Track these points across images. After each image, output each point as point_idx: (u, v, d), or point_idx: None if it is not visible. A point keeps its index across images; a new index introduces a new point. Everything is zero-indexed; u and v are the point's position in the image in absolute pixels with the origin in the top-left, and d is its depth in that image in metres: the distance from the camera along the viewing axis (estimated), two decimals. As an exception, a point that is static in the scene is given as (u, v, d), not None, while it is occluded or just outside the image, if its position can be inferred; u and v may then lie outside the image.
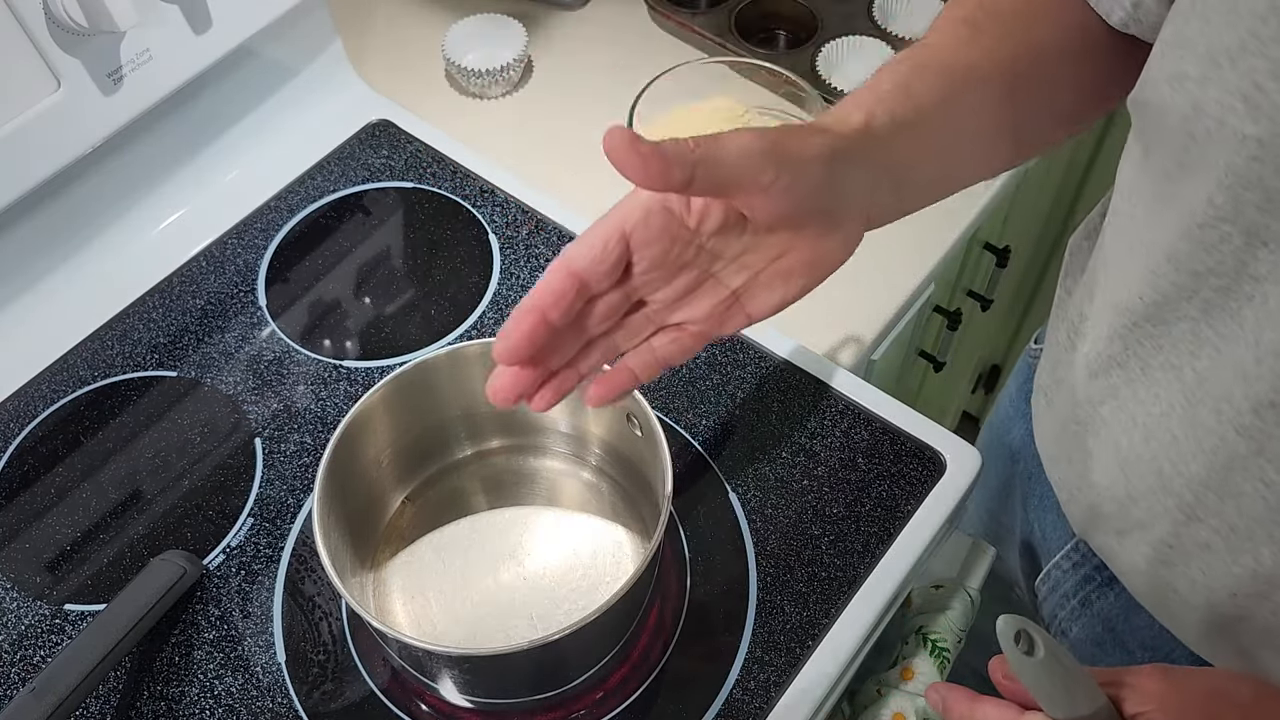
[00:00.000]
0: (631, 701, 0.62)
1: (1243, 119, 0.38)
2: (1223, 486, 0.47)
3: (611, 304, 0.46)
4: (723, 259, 0.46)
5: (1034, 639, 0.42)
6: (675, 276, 0.46)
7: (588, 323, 0.46)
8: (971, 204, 0.86)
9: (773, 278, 0.47)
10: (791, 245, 0.46)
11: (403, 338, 0.77)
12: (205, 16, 0.73)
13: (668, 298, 0.47)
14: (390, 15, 1.01)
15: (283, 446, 0.71)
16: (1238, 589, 0.49)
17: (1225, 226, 0.41)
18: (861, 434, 0.71)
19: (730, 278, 0.47)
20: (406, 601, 0.63)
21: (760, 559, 0.66)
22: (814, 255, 0.46)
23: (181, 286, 0.80)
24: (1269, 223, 0.39)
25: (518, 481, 0.68)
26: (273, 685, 0.62)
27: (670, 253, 0.45)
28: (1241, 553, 0.48)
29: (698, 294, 0.47)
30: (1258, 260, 0.41)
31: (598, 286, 0.44)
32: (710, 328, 0.48)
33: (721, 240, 0.45)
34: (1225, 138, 0.39)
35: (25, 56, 0.65)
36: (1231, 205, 0.40)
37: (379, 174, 0.86)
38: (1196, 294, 0.44)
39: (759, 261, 0.46)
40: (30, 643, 0.64)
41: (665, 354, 0.48)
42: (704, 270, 0.46)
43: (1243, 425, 0.44)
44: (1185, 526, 0.50)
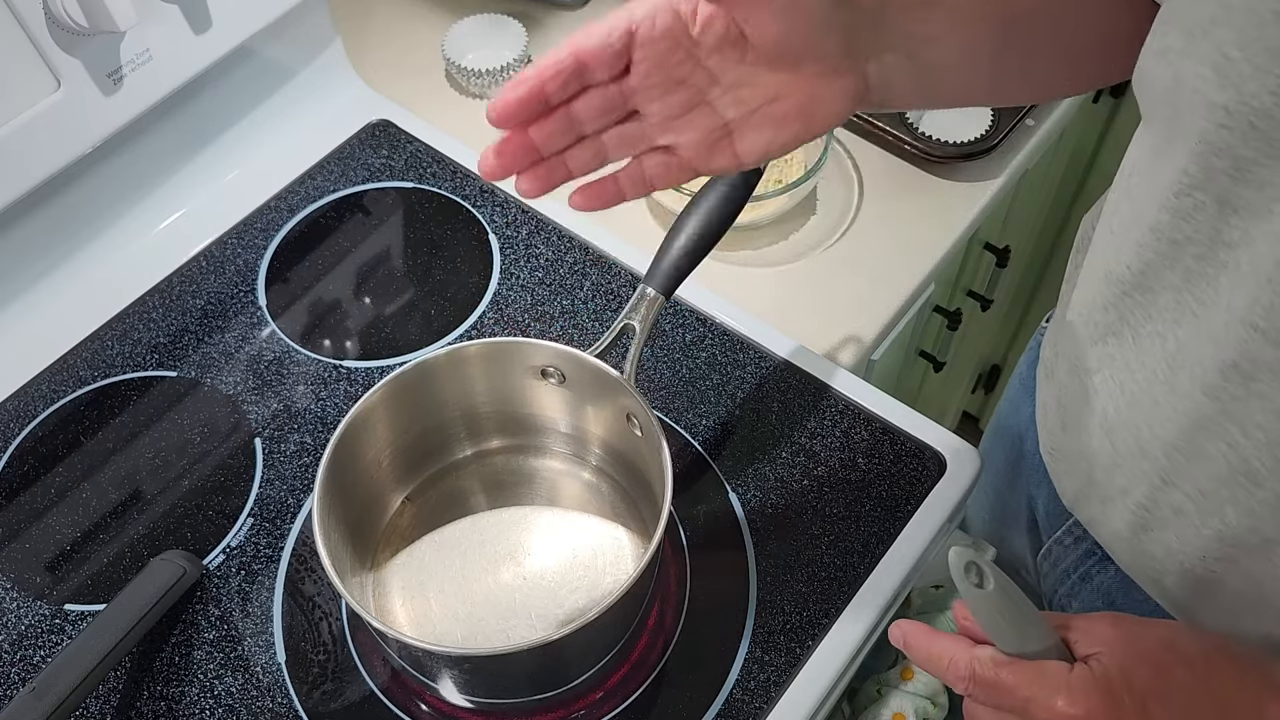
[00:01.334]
0: (631, 701, 0.62)
1: (1213, 88, 0.39)
2: (1191, 449, 0.48)
3: (607, 99, 0.47)
4: (720, 85, 0.47)
5: (984, 571, 0.43)
6: (671, 91, 0.47)
7: (581, 114, 0.47)
8: (971, 204, 0.86)
9: (765, 119, 0.48)
10: (788, 88, 0.47)
11: (403, 338, 0.77)
12: (205, 16, 0.73)
13: (662, 113, 0.48)
14: (390, 15, 1.01)
15: (283, 446, 0.71)
16: (1207, 552, 0.50)
17: (1199, 195, 0.42)
18: (861, 434, 0.71)
19: (725, 108, 0.47)
20: (406, 601, 0.63)
21: (760, 559, 0.66)
22: (809, 101, 0.47)
23: (181, 286, 0.80)
24: (1239, 190, 0.40)
25: (518, 481, 0.68)
26: (273, 685, 0.62)
27: (670, 58, 0.46)
28: (1210, 515, 0.49)
29: (691, 117, 0.48)
30: (1230, 227, 0.42)
31: (597, 73, 0.46)
32: (698, 157, 0.49)
33: (720, 61, 0.46)
34: (1199, 107, 0.40)
35: (25, 56, 0.65)
36: (1204, 174, 0.41)
37: (379, 174, 0.86)
38: (1178, 262, 0.45)
39: (754, 98, 0.47)
40: (30, 643, 0.64)
41: (652, 174, 0.49)
42: (700, 92, 0.47)
43: (1210, 387, 0.45)
44: (1160, 491, 0.51)
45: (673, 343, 0.75)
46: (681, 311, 0.77)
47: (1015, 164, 0.89)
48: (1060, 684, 0.43)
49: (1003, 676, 0.45)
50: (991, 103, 0.59)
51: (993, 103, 0.58)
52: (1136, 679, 0.43)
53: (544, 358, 0.62)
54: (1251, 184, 0.40)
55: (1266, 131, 0.38)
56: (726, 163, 0.49)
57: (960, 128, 0.88)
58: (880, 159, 0.89)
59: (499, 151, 0.47)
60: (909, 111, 0.88)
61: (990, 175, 0.87)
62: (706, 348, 0.75)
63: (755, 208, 0.80)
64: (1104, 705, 0.43)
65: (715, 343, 0.75)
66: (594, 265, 0.80)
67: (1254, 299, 0.41)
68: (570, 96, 0.46)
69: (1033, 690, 0.44)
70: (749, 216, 0.79)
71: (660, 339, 0.75)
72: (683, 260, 0.63)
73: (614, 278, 0.79)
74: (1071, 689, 0.43)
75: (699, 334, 0.76)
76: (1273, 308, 0.40)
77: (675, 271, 0.62)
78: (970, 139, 0.87)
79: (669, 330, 0.76)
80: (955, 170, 0.88)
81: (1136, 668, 0.43)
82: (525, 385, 0.64)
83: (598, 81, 0.46)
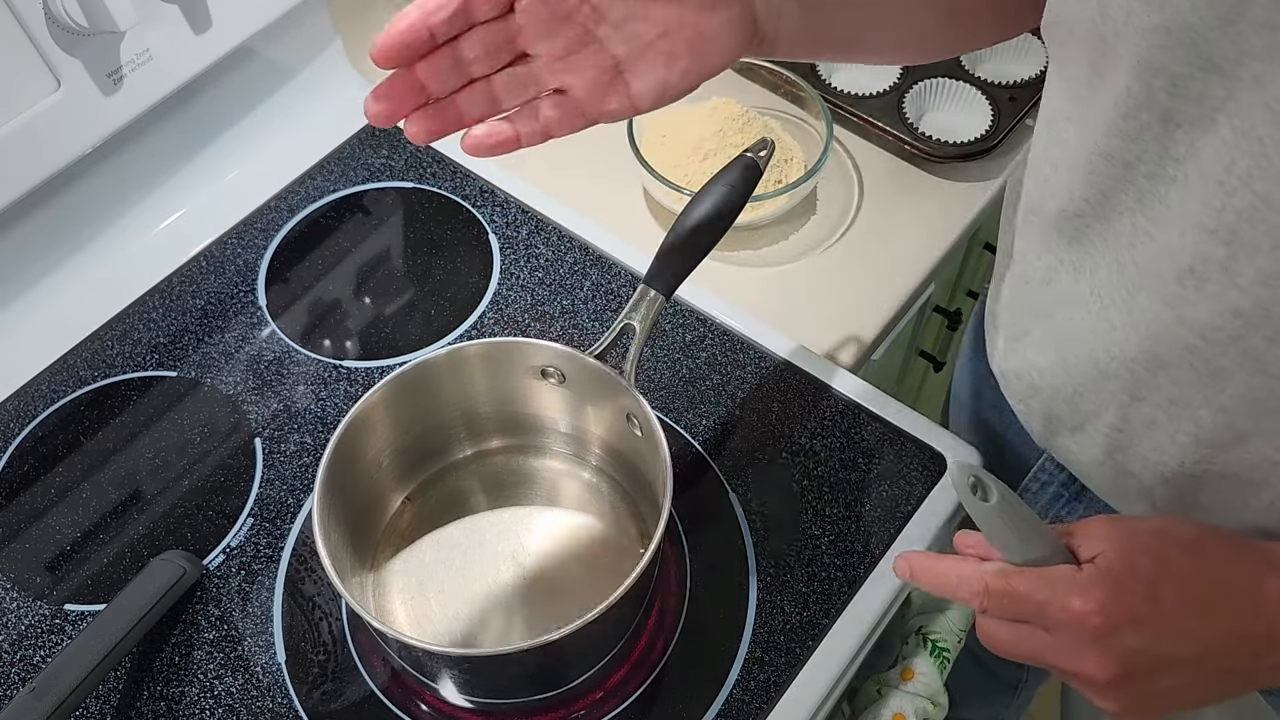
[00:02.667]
0: (631, 701, 0.62)
1: (1143, 13, 0.40)
2: (1154, 361, 0.49)
3: (493, 37, 0.46)
4: (607, 21, 0.47)
5: (988, 485, 0.44)
6: (558, 28, 0.47)
7: (467, 53, 0.46)
8: (971, 204, 0.86)
9: (656, 55, 0.48)
10: (675, 21, 0.47)
11: (403, 338, 0.77)
12: (205, 16, 0.73)
13: (550, 52, 0.47)
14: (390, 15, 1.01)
15: (283, 446, 0.71)
16: (1185, 458, 0.51)
17: (1144, 115, 0.43)
18: (861, 434, 0.71)
19: (614, 44, 0.47)
20: (406, 601, 0.63)
21: (760, 559, 0.66)
22: (697, 35, 0.48)
23: (181, 286, 0.80)
24: (1179, 105, 0.42)
25: (518, 481, 0.68)
26: (273, 685, 0.62)
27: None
28: (1183, 420, 0.50)
29: (580, 56, 0.48)
30: (1175, 142, 0.43)
31: (480, 8, 0.45)
32: (592, 99, 0.48)
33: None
34: (1131, 32, 0.41)
35: (25, 56, 0.65)
36: (1145, 93, 0.43)
37: (379, 174, 0.86)
38: (1131, 184, 0.46)
39: (643, 34, 0.47)
40: (30, 643, 0.64)
41: (547, 118, 0.49)
42: (587, 30, 0.47)
43: (1168, 296, 0.46)
44: (1130, 408, 0.52)
45: (673, 343, 0.75)
46: (681, 311, 0.77)
47: (1015, 164, 0.89)
48: (1072, 584, 0.44)
49: (1015, 585, 0.45)
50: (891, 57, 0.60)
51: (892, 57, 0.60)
52: (1140, 567, 0.44)
53: (544, 358, 0.62)
54: (1189, 98, 0.41)
55: (1197, 45, 0.39)
56: (620, 104, 0.49)
57: (960, 128, 0.88)
58: (880, 159, 0.89)
59: (385, 93, 0.46)
60: (910, 114, 0.88)
61: (990, 175, 0.87)
62: (706, 348, 0.75)
63: (755, 208, 0.80)
64: (1115, 596, 0.43)
65: (715, 343, 0.75)
66: (594, 265, 0.80)
67: (1204, 203, 0.42)
68: (455, 35, 0.46)
69: (1047, 594, 0.44)
70: (749, 216, 0.79)
71: (660, 339, 0.75)
72: (683, 260, 0.63)
73: (614, 278, 0.79)
74: (1083, 587, 0.44)
75: (699, 334, 0.76)
76: (1222, 208, 0.42)
77: (675, 271, 0.62)
78: (970, 139, 0.87)
79: (669, 330, 0.76)
80: (955, 170, 0.88)
81: (1138, 558, 0.44)
82: (525, 385, 0.64)
83: (482, 18, 0.46)
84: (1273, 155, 0.39)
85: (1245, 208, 0.41)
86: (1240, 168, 0.40)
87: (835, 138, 0.88)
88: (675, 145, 0.84)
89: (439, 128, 0.47)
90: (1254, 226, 0.41)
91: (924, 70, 0.91)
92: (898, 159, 0.89)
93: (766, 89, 0.91)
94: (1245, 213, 0.41)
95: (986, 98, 0.89)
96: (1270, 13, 0.37)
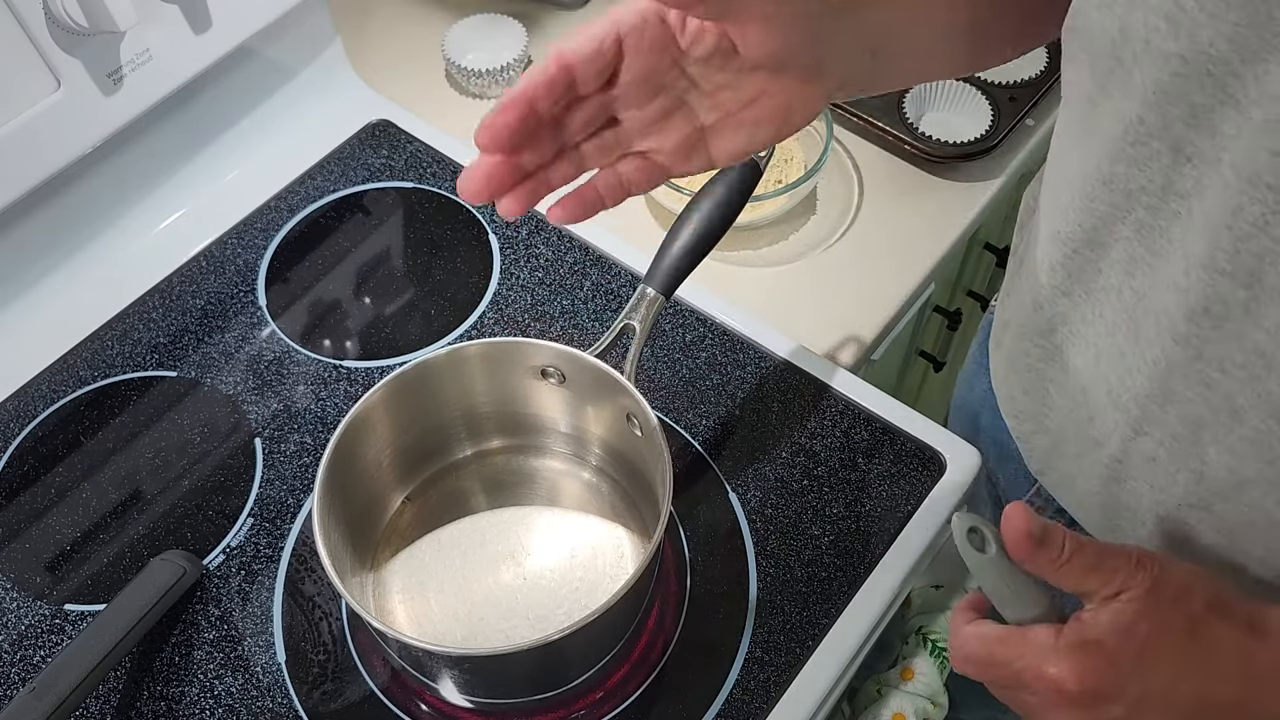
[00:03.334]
0: (631, 701, 0.62)
1: (1166, 37, 0.40)
2: (1165, 396, 0.48)
3: (591, 110, 0.46)
4: (700, 90, 0.47)
5: (985, 535, 0.44)
6: (653, 98, 0.47)
7: (567, 127, 0.46)
8: (971, 204, 0.86)
9: (742, 122, 0.48)
10: (768, 90, 0.47)
11: (403, 338, 0.77)
12: (205, 16, 0.73)
13: (641, 120, 0.47)
14: (390, 15, 1.01)
15: (283, 446, 0.71)
16: (1183, 499, 0.51)
17: (1154, 143, 0.43)
18: (861, 434, 0.71)
19: (704, 112, 0.47)
20: (406, 601, 0.63)
21: (760, 559, 0.66)
22: (787, 104, 0.48)
23: (181, 286, 0.80)
24: (1193, 137, 0.41)
25: (518, 481, 0.68)
26: (273, 685, 0.62)
27: (657, 68, 0.45)
28: (1188, 457, 0.49)
29: (669, 122, 0.48)
30: (1183, 176, 0.42)
31: (585, 85, 0.45)
32: (674, 160, 0.49)
33: (705, 69, 0.46)
34: (1151, 57, 0.41)
35: (25, 56, 0.65)
36: (1160, 121, 0.42)
37: (379, 174, 0.86)
38: (1130, 214, 0.46)
39: (733, 102, 0.47)
40: (30, 643, 0.64)
41: (629, 179, 0.49)
42: (679, 98, 0.47)
43: (1179, 334, 0.46)
44: (1132, 441, 0.52)
45: (673, 343, 0.75)
46: (681, 311, 0.77)
47: (1015, 164, 0.89)
48: (1049, 650, 0.43)
49: (994, 651, 0.45)
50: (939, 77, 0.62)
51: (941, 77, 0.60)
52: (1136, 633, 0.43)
53: (544, 358, 0.62)
54: (1205, 130, 0.41)
55: (1220, 78, 0.39)
56: (701, 164, 0.49)
57: (960, 128, 0.88)
58: (880, 159, 0.89)
59: (487, 175, 0.45)
60: (910, 114, 0.88)
61: (990, 175, 0.87)
62: (706, 348, 0.75)
63: (755, 208, 0.80)
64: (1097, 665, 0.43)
65: (715, 343, 0.75)
66: (594, 265, 0.80)
67: (1213, 245, 0.42)
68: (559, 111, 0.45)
69: (1023, 661, 0.44)
70: (749, 216, 0.79)
71: (660, 339, 0.75)
72: (683, 260, 0.63)
73: (614, 278, 0.79)
74: (1059, 653, 0.43)
75: (699, 334, 0.76)
76: (1236, 253, 0.41)
77: (675, 271, 0.62)
78: (970, 139, 0.87)
79: (669, 330, 0.76)
80: (955, 170, 0.88)
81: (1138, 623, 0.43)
82: (525, 385, 0.64)
83: (585, 94, 0.45)
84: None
85: (1265, 252, 0.40)
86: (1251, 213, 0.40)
87: (835, 138, 0.88)
88: (675, 145, 0.84)
89: (533, 202, 0.47)
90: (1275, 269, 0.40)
91: (924, 70, 0.91)
92: (898, 159, 0.89)
93: (766, 89, 0.91)
94: (1267, 257, 0.40)
95: (986, 98, 0.89)
96: None
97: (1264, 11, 0.36)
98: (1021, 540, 0.44)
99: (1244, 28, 0.37)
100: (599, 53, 0.44)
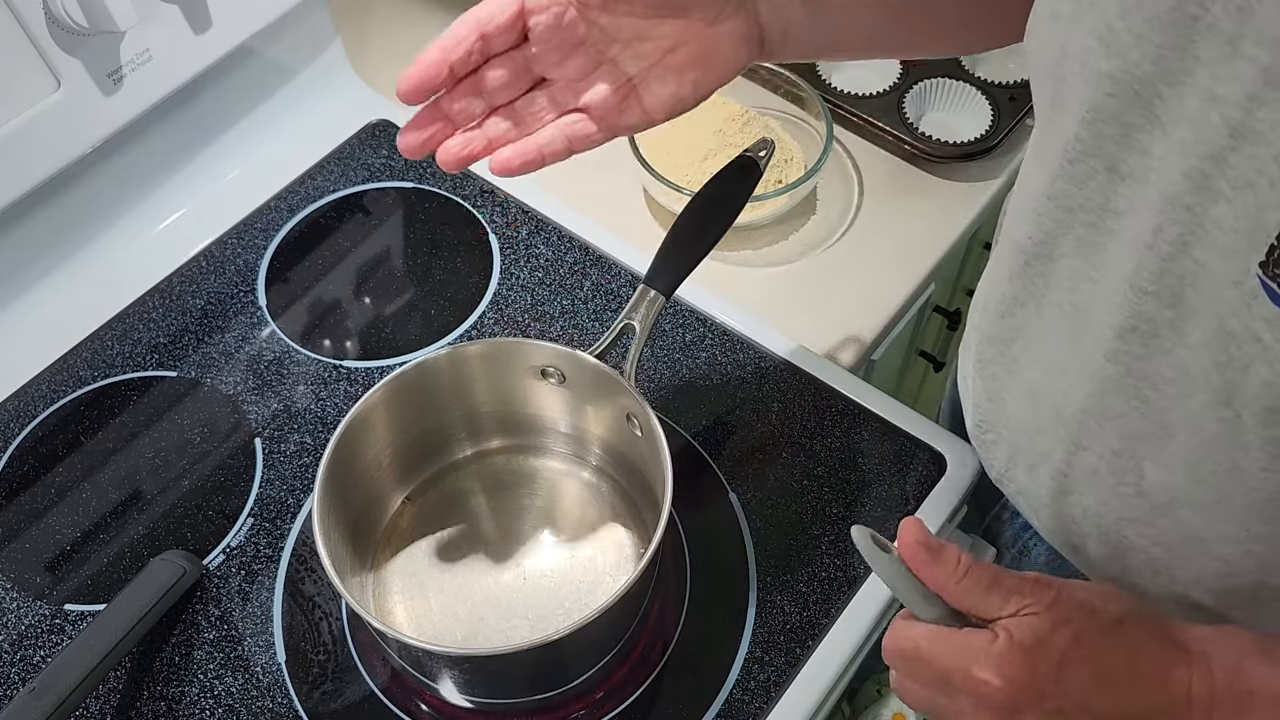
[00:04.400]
0: (631, 701, 0.62)
1: (1099, 57, 0.40)
2: (1102, 411, 0.49)
3: (512, 68, 0.50)
4: (618, 42, 0.50)
5: (885, 543, 0.46)
6: (572, 53, 0.50)
7: (489, 83, 0.49)
8: (971, 204, 0.86)
9: (665, 70, 0.51)
10: (683, 37, 0.50)
11: (403, 338, 0.77)
12: (205, 16, 0.73)
13: (567, 76, 0.50)
14: (390, 15, 1.01)
15: (283, 446, 0.71)
16: (1123, 513, 0.51)
17: (1091, 162, 0.43)
18: (861, 434, 0.71)
19: (626, 64, 0.50)
20: (406, 601, 0.63)
21: (760, 559, 0.66)
22: (704, 48, 0.51)
23: (181, 286, 0.80)
24: (1126, 157, 0.42)
25: (518, 481, 0.68)
26: (273, 685, 0.62)
27: (562, 20, 0.49)
28: (1126, 472, 0.50)
29: (595, 76, 0.51)
30: (1118, 195, 0.43)
31: (496, 40, 0.48)
32: (609, 115, 0.51)
33: (612, 19, 0.49)
34: (1087, 76, 0.41)
35: (25, 56, 0.65)
36: (1094, 141, 0.43)
37: (379, 174, 0.86)
38: (1071, 230, 0.47)
39: (653, 52, 0.50)
40: (30, 643, 0.64)
41: (570, 133, 0.51)
42: (600, 52, 0.50)
43: (1111, 350, 0.46)
44: (1075, 455, 0.52)
45: (673, 343, 0.75)
46: (681, 311, 0.77)
47: (1015, 164, 0.88)
48: (980, 654, 0.44)
49: (924, 648, 0.45)
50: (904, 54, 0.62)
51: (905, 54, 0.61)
52: (1054, 643, 0.44)
53: (544, 358, 0.62)
54: (1136, 149, 0.41)
55: (1148, 99, 0.39)
56: (637, 118, 0.52)
57: (960, 128, 0.88)
58: (880, 159, 0.89)
59: (415, 125, 0.49)
60: (910, 114, 0.88)
61: (990, 175, 0.87)
62: (706, 348, 0.75)
63: (755, 208, 0.80)
64: (1022, 671, 0.43)
65: (715, 343, 0.75)
66: (594, 265, 0.80)
67: (1138, 264, 0.42)
68: (475, 68, 0.49)
69: (954, 660, 0.44)
70: (749, 216, 0.79)
71: (660, 339, 0.75)
72: (683, 260, 0.63)
73: (614, 278, 0.79)
74: (991, 658, 0.43)
75: (699, 334, 0.76)
76: (1160, 273, 0.42)
77: (675, 271, 0.62)
78: (970, 139, 0.87)
79: (669, 330, 0.76)
80: (955, 170, 0.88)
81: (1055, 634, 0.44)
82: (525, 385, 0.64)
83: (498, 50, 0.49)
84: (1208, 226, 0.39)
85: (1185, 273, 0.41)
86: (1170, 233, 0.40)
87: (835, 138, 0.88)
88: (675, 145, 0.84)
89: (468, 153, 0.50)
90: (1198, 292, 0.41)
91: (924, 70, 0.91)
92: (898, 159, 0.89)
93: (766, 89, 0.91)
94: (1188, 278, 0.41)
95: (986, 98, 0.89)
96: (1214, 80, 0.36)
97: (1184, 34, 0.37)
98: (917, 550, 0.46)
99: (1166, 50, 0.37)
100: (501, 7, 0.48)
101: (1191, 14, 0.36)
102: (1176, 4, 0.36)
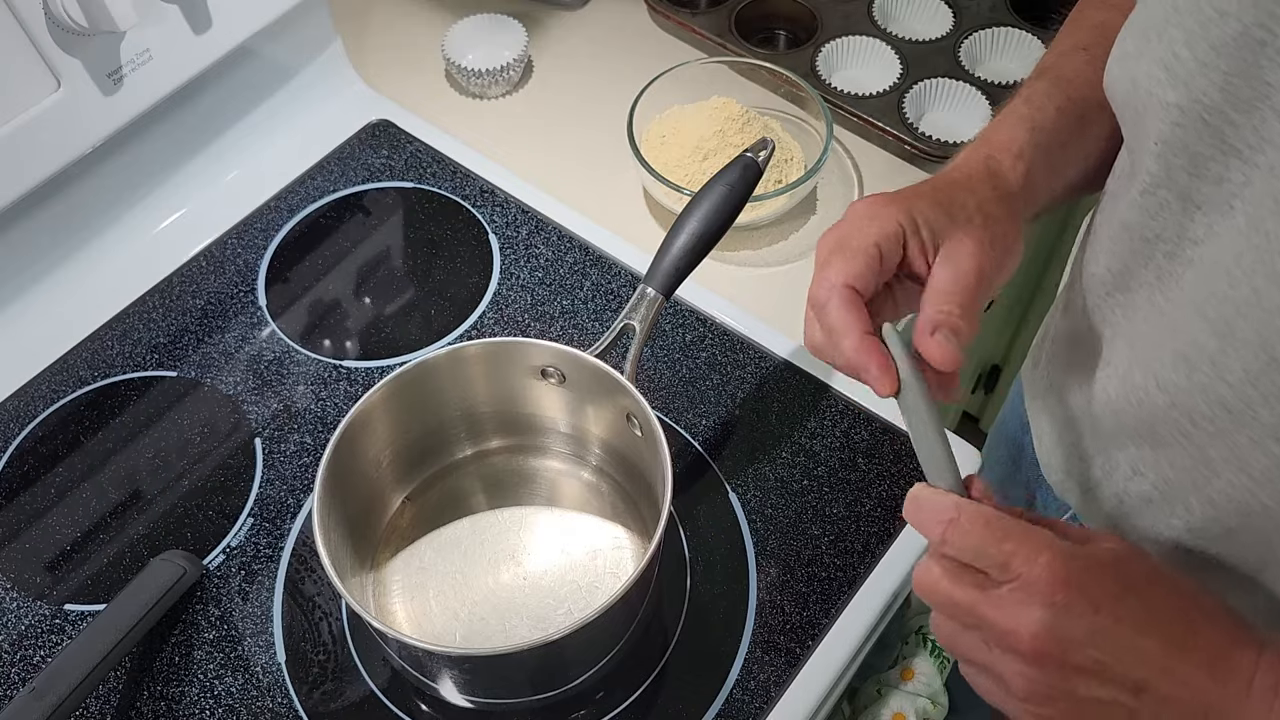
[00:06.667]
0: (631, 701, 0.62)
1: (1165, 88, 0.40)
2: (1155, 440, 0.49)
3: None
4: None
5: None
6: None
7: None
8: (971, 204, 0.86)
9: None
10: None
11: (403, 338, 0.77)
12: (205, 16, 0.73)
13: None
14: (390, 15, 1.01)
15: (283, 446, 0.71)
16: (1178, 541, 0.51)
17: (1163, 193, 0.43)
18: (861, 434, 0.71)
19: None
20: (406, 601, 0.63)
21: (760, 559, 0.66)
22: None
23: (181, 286, 0.80)
24: (1199, 186, 0.41)
25: (518, 481, 0.68)
26: (273, 685, 0.62)
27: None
28: (1176, 504, 0.50)
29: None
30: (1195, 224, 0.43)
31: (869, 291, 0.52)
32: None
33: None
34: (1154, 108, 0.41)
35: (25, 56, 0.65)
36: (1165, 172, 0.42)
37: (379, 174, 0.86)
38: (1151, 260, 0.46)
39: None
40: (30, 643, 0.64)
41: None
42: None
43: (1162, 380, 0.46)
44: (1130, 481, 0.52)
45: (673, 343, 0.75)
46: (681, 311, 0.77)
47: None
48: (1046, 543, 0.40)
49: (993, 525, 0.41)
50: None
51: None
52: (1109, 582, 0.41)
53: (544, 358, 0.62)
54: (1209, 179, 0.41)
55: (1217, 127, 0.39)
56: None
57: (960, 128, 0.88)
58: (880, 159, 0.89)
59: (884, 368, 0.50)
60: (910, 114, 0.88)
61: (990, 175, 0.87)
62: (706, 348, 0.75)
63: (755, 208, 0.80)
64: (1084, 578, 0.40)
65: (715, 343, 0.75)
66: (594, 265, 0.80)
67: (1210, 291, 0.42)
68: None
69: (1016, 544, 0.40)
70: (749, 216, 0.79)
71: (660, 339, 0.75)
72: (683, 260, 0.63)
73: (614, 278, 0.79)
74: (1057, 551, 0.40)
75: (699, 334, 0.76)
76: (1225, 299, 0.41)
77: (675, 271, 0.62)
78: (970, 139, 0.86)
79: (669, 330, 0.76)
80: (955, 170, 0.88)
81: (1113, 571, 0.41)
82: (525, 385, 0.64)
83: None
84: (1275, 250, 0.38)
85: (1242, 300, 0.40)
86: (1246, 260, 0.40)
87: (835, 138, 0.88)
88: (675, 145, 0.84)
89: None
90: (1246, 321, 0.40)
91: (924, 70, 0.91)
92: (898, 159, 0.89)
93: (766, 89, 0.91)
94: (1241, 306, 0.40)
95: (986, 98, 0.89)
96: None
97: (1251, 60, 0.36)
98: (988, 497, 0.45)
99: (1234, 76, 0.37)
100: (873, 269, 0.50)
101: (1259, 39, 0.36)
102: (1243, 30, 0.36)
